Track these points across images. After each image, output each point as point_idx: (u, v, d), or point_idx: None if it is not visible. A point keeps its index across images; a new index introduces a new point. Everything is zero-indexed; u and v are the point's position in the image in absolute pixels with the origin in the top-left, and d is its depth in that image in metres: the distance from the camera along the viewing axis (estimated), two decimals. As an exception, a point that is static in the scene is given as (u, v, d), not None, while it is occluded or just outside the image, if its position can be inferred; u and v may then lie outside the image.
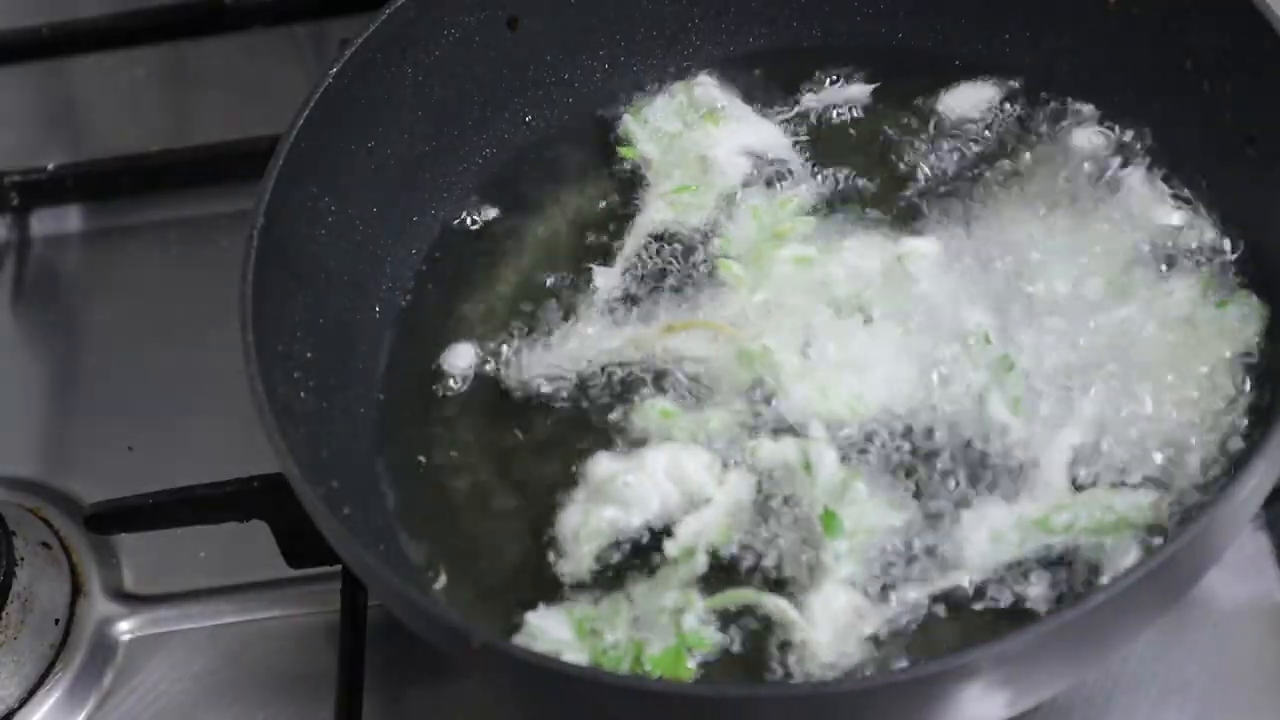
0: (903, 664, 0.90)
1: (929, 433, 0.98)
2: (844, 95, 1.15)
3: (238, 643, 1.12)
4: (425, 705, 1.08)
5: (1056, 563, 0.93)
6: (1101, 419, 0.97)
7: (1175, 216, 1.05)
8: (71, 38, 1.44)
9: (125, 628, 1.14)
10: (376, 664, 1.07)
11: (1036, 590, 0.92)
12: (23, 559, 1.11)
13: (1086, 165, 1.08)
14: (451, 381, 1.07)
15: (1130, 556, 0.92)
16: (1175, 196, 1.06)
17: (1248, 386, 0.97)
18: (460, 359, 1.08)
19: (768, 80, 1.17)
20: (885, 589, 0.93)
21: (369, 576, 0.91)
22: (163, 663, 1.12)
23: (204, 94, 1.46)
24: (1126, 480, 0.95)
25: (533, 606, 0.95)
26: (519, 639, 0.93)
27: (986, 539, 0.94)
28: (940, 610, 0.92)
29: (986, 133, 1.12)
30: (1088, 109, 1.11)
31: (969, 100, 1.13)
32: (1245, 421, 0.96)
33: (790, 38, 1.18)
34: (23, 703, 1.10)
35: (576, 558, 0.97)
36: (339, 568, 1.07)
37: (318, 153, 1.05)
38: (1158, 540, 0.92)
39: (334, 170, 1.07)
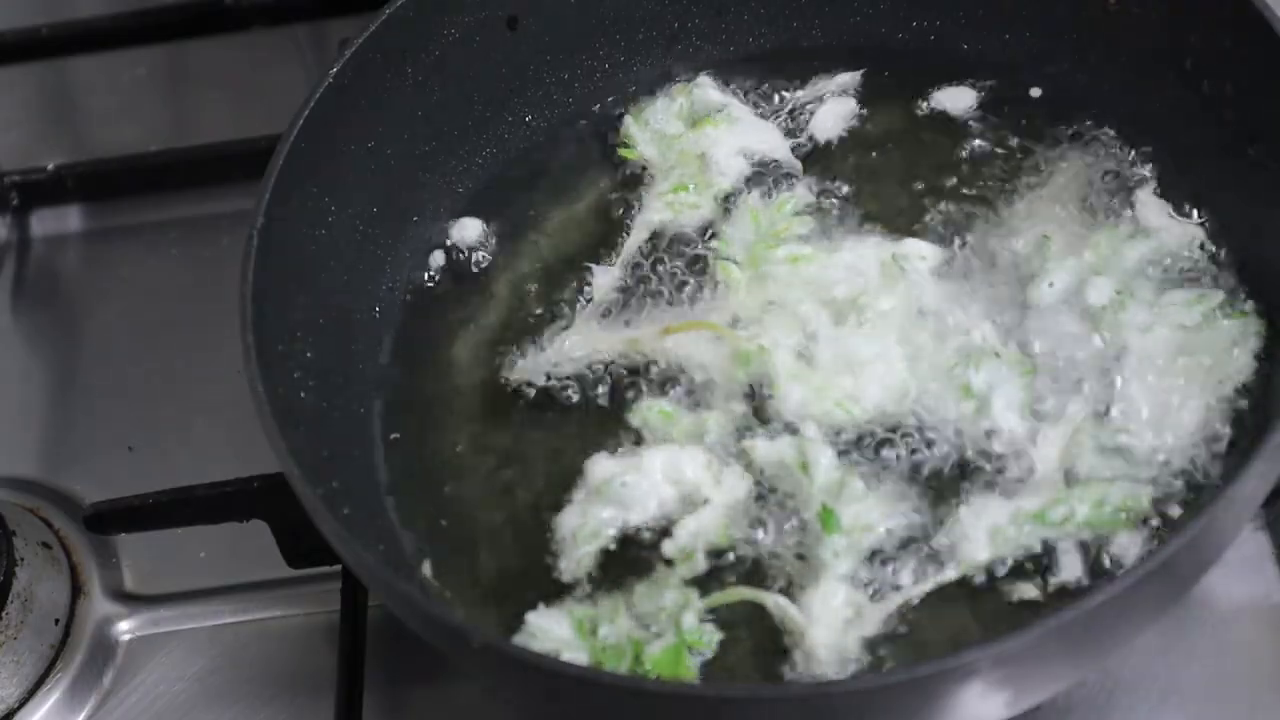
0: (902, 661, 0.91)
1: (925, 430, 0.98)
2: (843, 96, 1.15)
3: (238, 643, 1.12)
4: (425, 705, 1.08)
5: (1056, 556, 0.93)
6: (1098, 416, 0.97)
7: (1176, 224, 1.05)
8: (71, 38, 1.44)
9: (125, 628, 1.14)
10: (376, 664, 1.07)
11: (1037, 584, 0.92)
12: (23, 559, 1.11)
13: (1087, 168, 1.08)
14: (451, 381, 1.07)
15: (1130, 547, 0.92)
16: (1176, 202, 1.05)
17: (1246, 389, 0.97)
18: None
19: (767, 81, 1.17)
20: (884, 585, 0.93)
21: (369, 576, 0.91)
22: (163, 663, 1.12)
23: (204, 94, 1.46)
24: (1122, 475, 0.95)
25: (532, 606, 0.95)
26: (519, 639, 0.93)
27: (984, 533, 0.94)
28: (940, 606, 0.93)
29: (985, 134, 1.12)
30: (1088, 110, 1.10)
31: (968, 101, 1.13)
32: (1243, 423, 0.96)
33: (790, 38, 1.18)
34: (23, 703, 1.10)
35: (575, 558, 0.97)
36: (339, 568, 1.07)
37: (318, 153, 1.05)
38: (1156, 527, 0.93)
39: (334, 170, 1.07)
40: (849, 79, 1.15)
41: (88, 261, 1.37)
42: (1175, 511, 0.94)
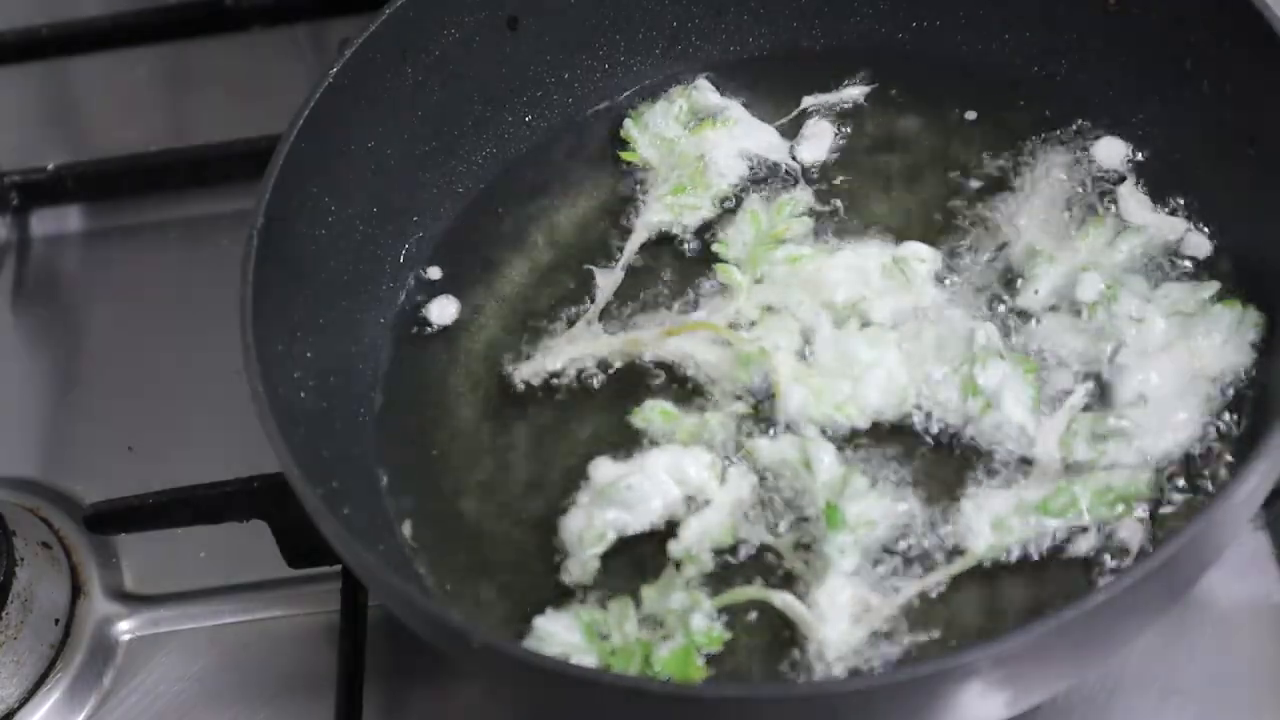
0: (908, 655, 0.91)
1: (926, 427, 0.99)
2: (843, 97, 1.15)
3: (238, 643, 1.12)
4: (425, 705, 1.08)
5: (1060, 546, 0.93)
6: (1096, 405, 0.98)
7: (1174, 222, 1.05)
8: (71, 38, 1.44)
9: (125, 628, 1.14)
10: (376, 664, 1.07)
11: (1040, 576, 0.93)
12: (23, 559, 1.11)
13: (1086, 168, 1.08)
14: (452, 383, 1.07)
15: (1134, 533, 0.93)
16: (1174, 200, 1.06)
17: (1244, 378, 0.98)
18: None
19: (767, 82, 1.17)
20: (890, 580, 0.93)
21: (369, 576, 0.91)
22: (163, 663, 1.12)
23: (204, 94, 1.46)
24: (1122, 463, 0.95)
25: (540, 610, 0.95)
26: (527, 643, 0.93)
27: (988, 525, 0.94)
28: (945, 599, 0.93)
29: (984, 135, 1.12)
30: (1088, 110, 1.10)
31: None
32: (1242, 423, 0.96)
33: (789, 39, 1.18)
34: (23, 703, 1.10)
35: (581, 561, 0.97)
36: (339, 568, 1.07)
37: (318, 153, 1.05)
38: (1158, 515, 0.93)
39: (334, 170, 1.07)
40: (848, 80, 1.15)
41: (88, 261, 1.37)
42: (1176, 497, 0.94)
